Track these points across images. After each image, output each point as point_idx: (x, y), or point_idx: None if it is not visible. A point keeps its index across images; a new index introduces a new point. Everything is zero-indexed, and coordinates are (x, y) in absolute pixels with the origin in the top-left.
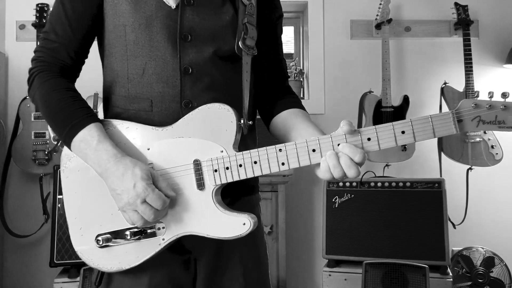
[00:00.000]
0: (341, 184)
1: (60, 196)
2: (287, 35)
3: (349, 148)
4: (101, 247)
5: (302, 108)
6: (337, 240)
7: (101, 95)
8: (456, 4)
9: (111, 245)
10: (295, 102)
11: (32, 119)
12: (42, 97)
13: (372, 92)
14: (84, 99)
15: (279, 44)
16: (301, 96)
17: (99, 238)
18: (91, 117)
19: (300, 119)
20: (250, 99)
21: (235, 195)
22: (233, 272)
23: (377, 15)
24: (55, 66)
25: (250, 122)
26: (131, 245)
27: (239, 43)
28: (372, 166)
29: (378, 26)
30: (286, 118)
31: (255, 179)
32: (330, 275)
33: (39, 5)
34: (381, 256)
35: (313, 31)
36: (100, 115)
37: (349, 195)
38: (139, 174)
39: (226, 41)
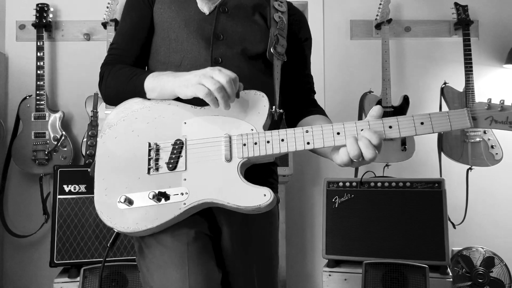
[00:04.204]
0: (341, 184)
1: (60, 196)
2: None
3: (368, 132)
4: (122, 208)
5: (327, 116)
6: (337, 240)
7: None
8: (456, 4)
9: (133, 207)
10: (320, 111)
11: (32, 119)
12: (112, 75)
13: (372, 92)
14: None
15: (307, 61)
16: None
17: (121, 199)
18: None
19: (323, 122)
20: (280, 96)
21: None
22: (245, 262)
23: (377, 15)
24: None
25: (281, 110)
26: (151, 207)
27: (271, 49)
28: (372, 166)
29: (378, 26)
30: (310, 121)
31: (274, 178)
32: (330, 275)
33: (39, 5)
34: (381, 256)
35: (313, 31)
36: (101, 116)
37: (349, 195)
38: None
39: (254, 43)
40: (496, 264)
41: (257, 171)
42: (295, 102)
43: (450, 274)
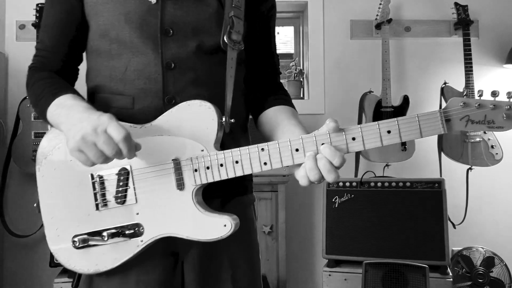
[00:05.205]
0: (341, 184)
1: None
2: (287, 35)
3: (329, 150)
4: (78, 248)
5: (291, 105)
6: (337, 240)
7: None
8: (456, 4)
9: (88, 246)
10: (284, 99)
11: (32, 119)
12: (30, 90)
13: (372, 92)
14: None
15: (272, 38)
16: (301, 96)
17: (76, 239)
18: (71, 90)
19: (285, 115)
20: (239, 95)
21: (227, 195)
22: (223, 275)
23: (377, 15)
24: (45, 70)
25: (233, 120)
26: (108, 247)
27: (224, 37)
28: (372, 166)
29: (378, 26)
30: (272, 116)
31: (248, 179)
32: (330, 275)
33: (39, 5)
34: (381, 256)
35: (313, 31)
36: None
37: (349, 195)
38: (108, 114)
39: (210, 34)
40: (496, 264)
41: None
42: (259, 87)
43: (450, 274)
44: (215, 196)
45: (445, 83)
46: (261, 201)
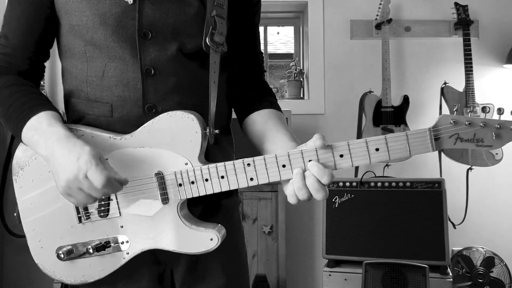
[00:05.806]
0: (341, 184)
1: None
2: (287, 35)
3: (317, 168)
4: (63, 260)
5: (278, 108)
6: (337, 240)
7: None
8: (456, 4)
9: (74, 258)
10: (271, 101)
11: None
12: None
13: (372, 92)
14: (41, 92)
15: (257, 35)
16: (301, 96)
17: (60, 251)
18: (42, 105)
19: (273, 122)
20: (222, 99)
21: (212, 200)
22: (214, 282)
23: (377, 15)
24: (11, 71)
25: (217, 131)
26: (94, 259)
27: (207, 39)
28: (372, 166)
29: (378, 26)
30: (259, 122)
31: None
32: (330, 275)
33: None
34: (381, 256)
35: (313, 31)
36: None
37: (349, 195)
38: (87, 149)
39: (191, 36)
40: (496, 264)
41: None
42: (244, 87)
43: (450, 274)
44: (199, 202)
45: (445, 83)
46: (261, 201)
